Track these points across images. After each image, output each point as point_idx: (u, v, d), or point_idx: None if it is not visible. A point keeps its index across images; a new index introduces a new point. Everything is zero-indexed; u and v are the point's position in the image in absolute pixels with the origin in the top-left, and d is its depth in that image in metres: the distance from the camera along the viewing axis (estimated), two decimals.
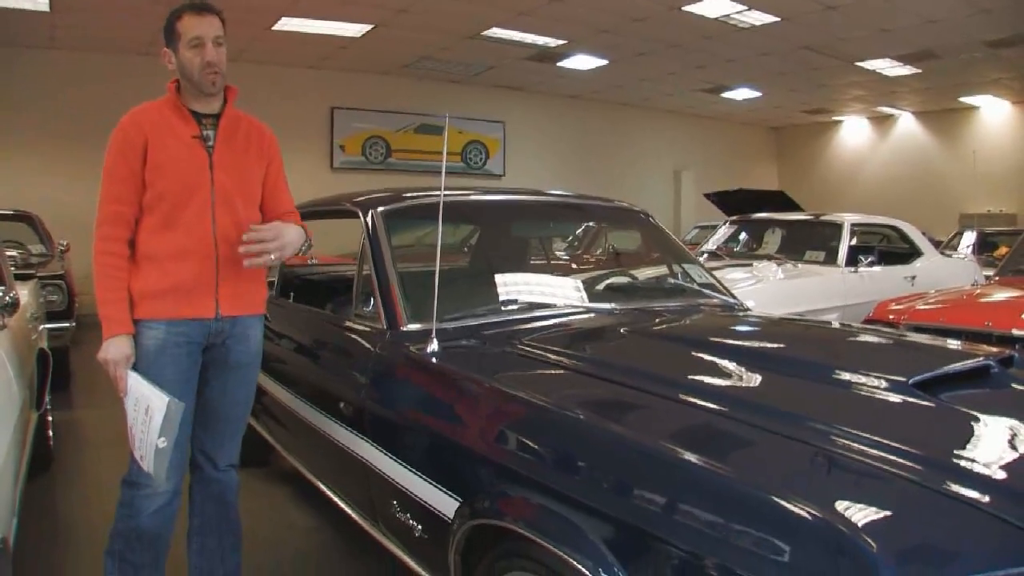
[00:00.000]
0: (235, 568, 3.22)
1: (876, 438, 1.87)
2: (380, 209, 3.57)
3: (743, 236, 9.76)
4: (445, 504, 2.43)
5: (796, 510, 1.57)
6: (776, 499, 1.62)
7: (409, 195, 3.85)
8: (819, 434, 1.93)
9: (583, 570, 1.85)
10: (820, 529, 1.52)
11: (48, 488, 4.84)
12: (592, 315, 3.51)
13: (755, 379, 2.57)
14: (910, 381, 2.26)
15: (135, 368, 2.79)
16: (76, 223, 6.36)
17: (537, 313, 3.40)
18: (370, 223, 3.51)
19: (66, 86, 12.81)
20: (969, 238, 13.49)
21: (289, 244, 2.94)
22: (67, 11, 11.20)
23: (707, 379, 2.54)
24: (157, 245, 2.84)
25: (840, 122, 22.08)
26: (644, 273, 4.49)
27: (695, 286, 4.10)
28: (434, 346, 2.84)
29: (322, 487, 3.73)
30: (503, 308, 3.40)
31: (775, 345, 3.12)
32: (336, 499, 3.53)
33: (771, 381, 2.52)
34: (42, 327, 5.23)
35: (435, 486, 2.50)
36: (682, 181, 21.05)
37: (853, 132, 22.00)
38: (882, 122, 21.20)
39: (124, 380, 2.76)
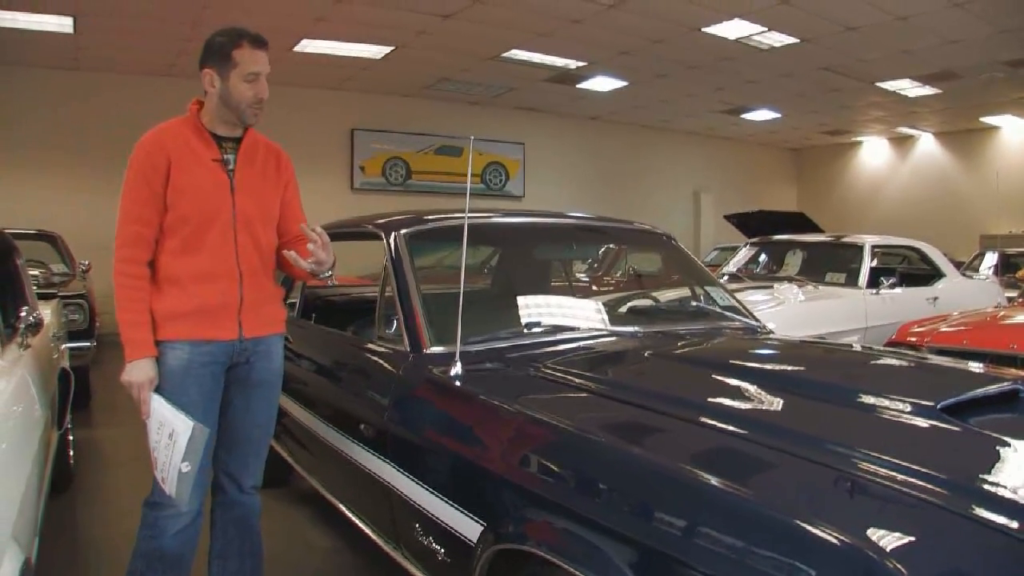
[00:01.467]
0: None
1: (904, 463, 1.85)
2: (403, 231, 3.57)
3: (763, 258, 9.74)
4: (468, 528, 2.41)
5: (822, 535, 1.55)
6: (802, 523, 1.60)
7: (431, 217, 3.84)
8: (846, 458, 1.91)
9: None
10: (847, 554, 1.50)
11: (69, 506, 4.86)
12: (615, 338, 3.50)
13: (780, 403, 2.55)
14: (938, 405, 2.24)
15: (159, 390, 2.79)
16: (98, 243, 6.40)
17: (560, 336, 3.39)
18: (393, 245, 3.50)
19: (89, 107, 12.92)
20: (991, 259, 13.43)
21: (330, 258, 2.93)
22: (91, 33, 11.32)
23: (731, 402, 2.52)
24: (180, 268, 2.86)
25: (860, 143, 22.04)
26: (666, 296, 4.47)
27: (718, 309, 4.08)
28: (457, 369, 2.83)
29: (342, 508, 3.71)
30: (526, 331, 3.39)
31: (799, 368, 3.10)
32: (357, 520, 3.52)
33: (796, 405, 2.51)
34: (64, 346, 5.25)
35: (458, 509, 2.48)
36: (701, 203, 21.03)
37: (873, 153, 21.95)
38: (902, 143, 21.15)
39: (147, 403, 2.77)
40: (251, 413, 3.08)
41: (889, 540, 1.54)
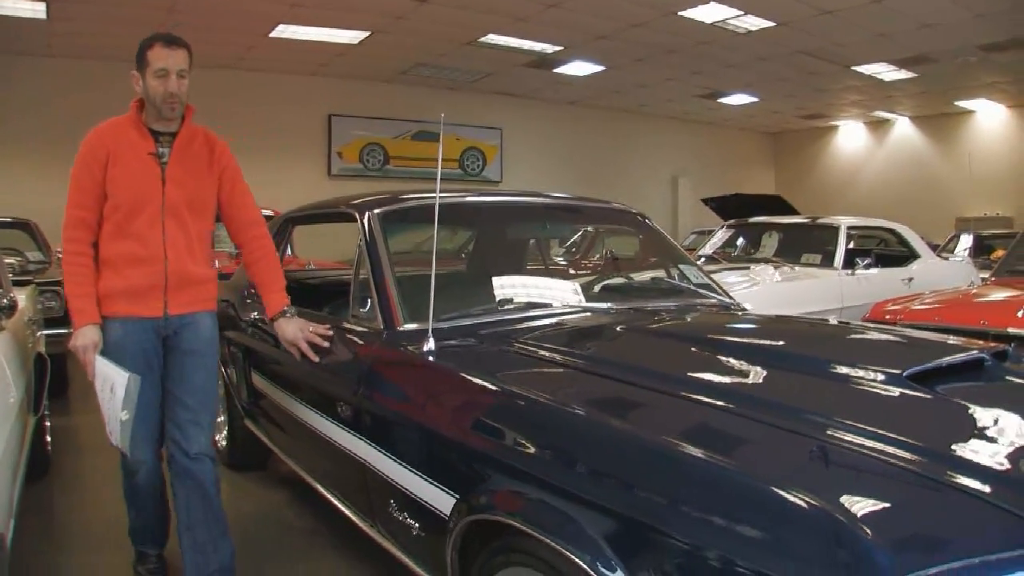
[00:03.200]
0: (229, 556, 3.41)
1: (872, 429, 1.88)
2: (377, 211, 3.58)
3: (740, 240, 9.77)
4: (442, 501, 2.43)
5: (793, 500, 1.57)
6: (773, 489, 1.62)
7: (405, 197, 3.85)
8: (815, 426, 1.93)
9: (581, 564, 1.84)
10: (817, 519, 1.52)
11: (46, 492, 4.84)
12: (589, 314, 3.51)
13: (751, 374, 2.57)
14: (904, 373, 2.27)
15: (102, 355, 3.14)
16: None
17: (533, 313, 3.40)
18: (367, 224, 3.51)
19: (63, 93, 12.84)
20: (966, 241, 13.53)
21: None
22: (64, 19, 11.30)
23: (703, 374, 2.54)
24: (114, 251, 3.21)
25: (837, 127, 22.16)
26: (641, 274, 4.49)
27: (691, 286, 4.10)
28: (430, 345, 2.84)
29: (320, 489, 3.73)
30: (499, 308, 3.41)
31: (771, 341, 3.12)
32: (334, 500, 3.53)
33: (767, 375, 2.53)
34: (40, 333, 5.23)
35: (432, 483, 2.50)
36: (679, 187, 21.10)
37: (850, 137, 22.07)
38: (878, 127, 21.27)
39: (92, 364, 3.13)
40: (185, 379, 3.35)
41: (859, 505, 1.55)
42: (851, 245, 8.33)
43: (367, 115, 16.39)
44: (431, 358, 2.83)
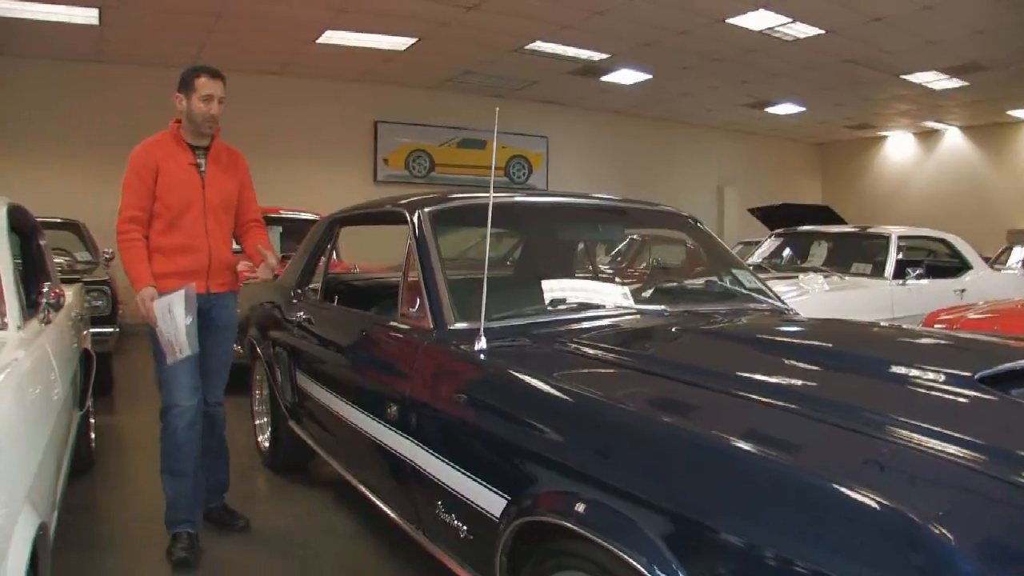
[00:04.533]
0: (225, 477, 4.42)
1: (946, 431, 1.80)
2: (427, 210, 3.56)
3: (788, 250, 9.65)
4: (492, 503, 2.37)
5: (864, 500, 1.49)
6: (840, 488, 1.55)
7: (455, 196, 3.82)
8: (884, 427, 1.86)
9: (638, 567, 1.78)
10: (891, 520, 1.44)
11: (89, 488, 4.87)
12: (642, 317, 3.45)
13: (814, 374, 2.50)
14: (976, 376, 2.18)
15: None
16: None
17: (586, 314, 3.34)
18: (417, 223, 3.49)
19: (113, 99, 12.95)
20: (1019, 254, 13.27)
21: (271, 273, 4.24)
22: (115, 25, 11.38)
23: (765, 375, 2.46)
24: (165, 242, 3.95)
25: (885, 137, 21.85)
26: (693, 277, 4.42)
27: (745, 290, 4.02)
28: (482, 344, 2.79)
29: (364, 491, 3.70)
30: (551, 308, 3.36)
31: (834, 343, 3.02)
32: (379, 503, 3.50)
33: (831, 376, 2.46)
34: (86, 331, 5.25)
35: (482, 484, 2.44)
36: (725, 197, 20.91)
37: (898, 148, 21.76)
38: (928, 137, 20.96)
39: (152, 310, 3.74)
40: (215, 351, 4.13)
41: (933, 506, 1.48)
42: (901, 256, 8.19)
43: (413, 122, 16.35)
44: (483, 357, 2.78)
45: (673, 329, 3.16)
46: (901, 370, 2.37)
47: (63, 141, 12.87)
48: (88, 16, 10.95)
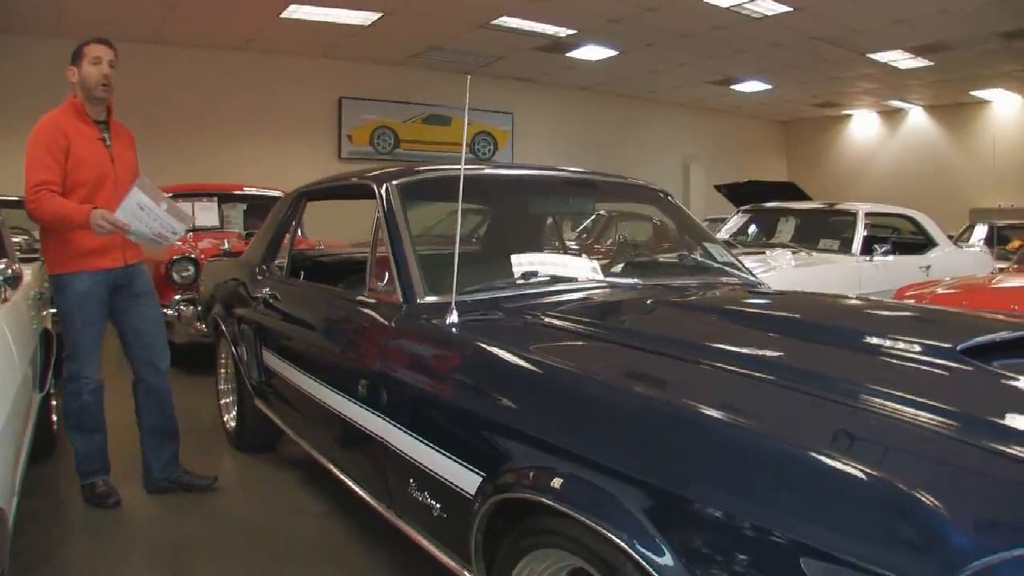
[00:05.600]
0: (175, 451, 4.49)
1: (931, 402, 1.76)
2: (395, 182, 3.48)
3: (755, 226, 9.65)
4: (467, 480, 2.31)
5: (849, 470, 1.46)
6: (825, 459, 1.51)
7: (424, 169, 3.75)
8: (868, 398, 1.82)
9: (618, 541, 1.73)
10: (877, 489, 1.41)
11: (52, 471, 4.76)
12: (614, 289, 3.41)
13: (795, 346, 2.46)
14: (958, 347, 2.15)
15: (69, 309, 4.07)
16: None
17: (557, 287, 3.29)
18: (385, 196, 3.41)
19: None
20: (980, 232, 13.38)
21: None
22: None
23: (741, 347, 2.43)
24: None
25: (850, 116, 21.99)
26: (663, 251, 4.38)
27: (717, 264, 3.98)
28: (453, 317, 2.73)
29: (334, 470, 3.62)
30: (522, 281, 3.29)
31: (813, 315, 2.99)
32: (349, 482, 3.43)
33: (812, 348, 2.42)
34: (46, 311, 5.14)
35: (456, 461, 2.38)
36: (691, 174, 20.95)
37: (863, 126, 21.90)
38: (892, 116, 21.10)
39: (117, 218, 3.78)
40: (143, 314, 4.30)
41: (922, 476, 1.45)
42: (868, 232, 8.22)
43: (378, 98, 16.26)
44: (455, 331, 2.72)
45: (647, 301, 3.12)
46: (882, 342, 2.34)
47: (20, 118, 12.62)
48: None
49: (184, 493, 4.41)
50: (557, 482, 1.96)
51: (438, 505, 2.53)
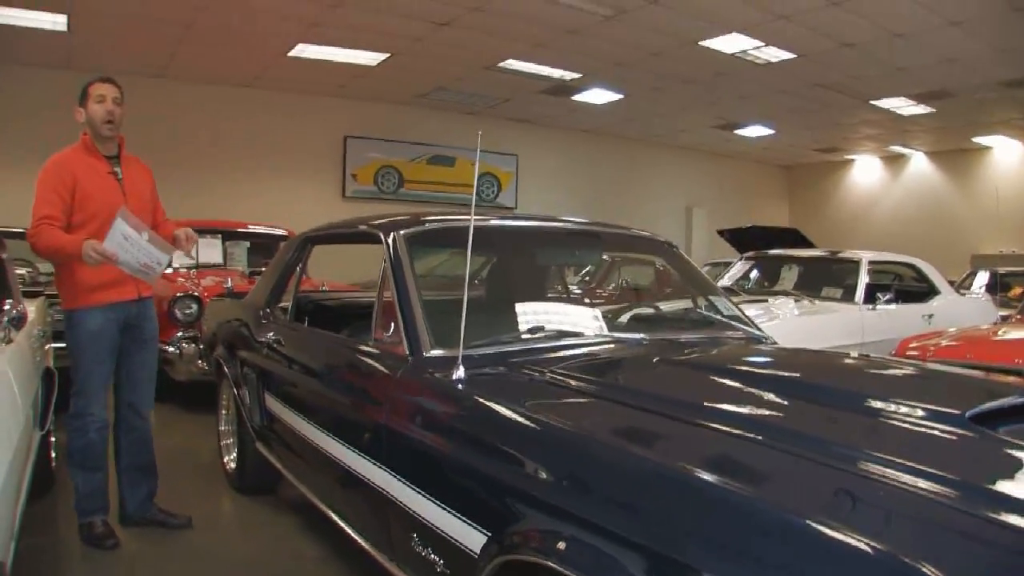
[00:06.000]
0: (154, 486, 4.53)
1: (943, 473, 1.75)
2: (403, 232, 3.48)
3: (758, 273, 9.66)
4: (471, 538, 2.30)
5: (856, 543, 1.45)
6: (833, 532, 1.50)
7: (431, 219, 3.75)
8: (880, 468, 1.81)
9: None
10: (881, 561, 1.41)
11: (50, 509, 4.72)
12: (620, 345, 3.40)
13: (805, 411, 2.44)
14: (966, 414, 2.14)
15: (79, 349, 4.10)
16: None
17: (564, 341, 3.27)
18: (392, 246, 3.40)
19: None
20: (982, 278, 13.36)
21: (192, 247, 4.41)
22: (84, 32, 11.25)
23: (748, 409, 2.42)
24: None
25: (852, 161, 22.05)
26: (670, 304, 4.38)
27: (722, 318, 3.98)
28: (460, 372, 2.72)
29: (334, 517, 3.60)
30: (529, 335, 3.28)
31: (821, 376, 2.97)
32: (349, 530, 3.41)
33: (819, 413, 2.40)
34: (48, 346, 5.13)
35: (460, 519, 2.37)
36: (693, 217, 20.99)
37: (865, 171, 21.97)
38: (894, 161, 21.16)
39: (104, 248, 3.75)
40: (143, 360, 4.38)
41: (930, 549, 1.44)
42: (870, 280, 8.22)
43: (383, 137, 16.31)
44: (461, 387, 2.71)
45: (655, 359, 3.10)
46: (890, 406, 2.32)
47: (28, 149, 12.64)
48: (56, 22, 10.83)
49: (185, 535, 4.38)
50: (561, 545, 1.94)
51: (441, 561, 2.52)
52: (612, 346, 3.37)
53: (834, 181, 22.69)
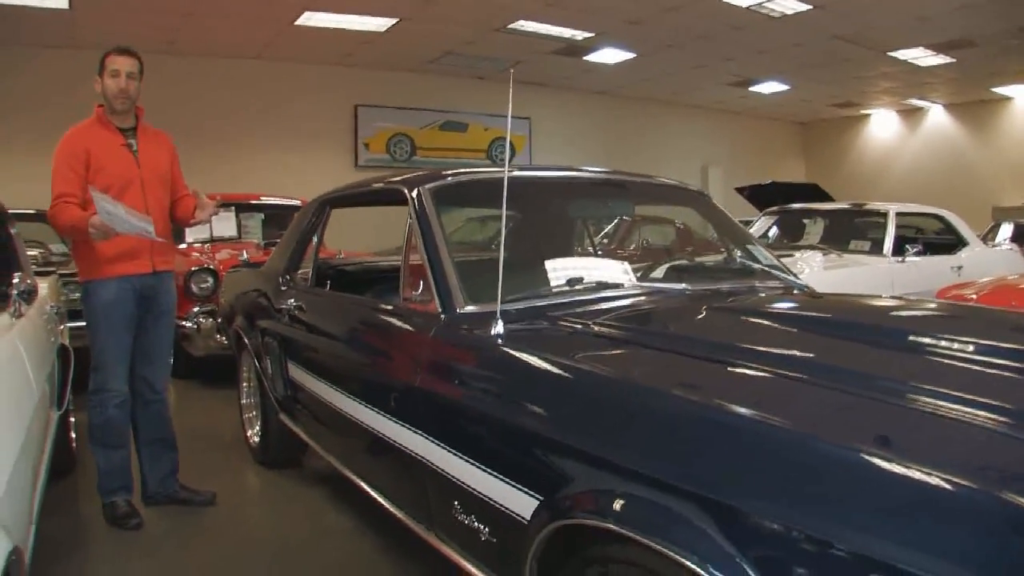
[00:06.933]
0: (175, 462, 4.45)
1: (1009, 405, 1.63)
2: (428, 186, 3.31)
3: (782, 228, 9.48)
4: (520, 503, 2.14)
5: (953, 487, 1.33)
6: (920, 474, 1.38)
7: (456, 172, 3.58)
8: (963, 410, 1.67)
9: (690, 565, 1.57)
10: (987, 506, 1.29)
11: (71, 490, 4.65)
12: (663, 295, 3.23)
13: (862, 351, 2.29)
14: None
15: (96, 319, 4.06)
16: None
17: (605, 293, 3.10)
18: (417, 200, 3.24)
19: (87, 86, 12.62)
20: (1006, 230, 13.17)
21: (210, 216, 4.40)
22: (87, 9, 11.06)
23: (808, 353, 2.27)
24: None
25: (868, 116, 21.74)
26: (706, 256, 4.21)
27: (763, 267, 3.80)
28: (499, 327, 2.55)
29: (364, 487, 3.47)
30: (568, 288, 3.10)
31: (879, 319, 2.82)
32: (381, 500, 3.27)
33: (894, 357, 2.25)
34: (63, 326, 5.00)
35: (507, 483, 2.20)
36: (710, 176, 20.73)
37: (882, 126, 21.65)
38: (912, 115, 20.85)
39: (95, 220, 3.73)
40: (159, 334, 4.30)
41: (995, 478, 1.34)
42: (897, 233, 8.05)
43: (394, 105, 16.10)
44: (500, 342, 2.54)
45: (700, 307, 2.94)
46: (966, 347, 2.17)
47: (35, 131, 12.53)
48: (57, 0, 10.63)
49: (211, 512, 4.30)
50: (618, 504, 1.80)
51: (486, 529, 2.37)
52: (655, 296, 3.19)
53: (851, 137, 22.39)
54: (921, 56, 14.67)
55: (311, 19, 12.14)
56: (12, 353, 2.81)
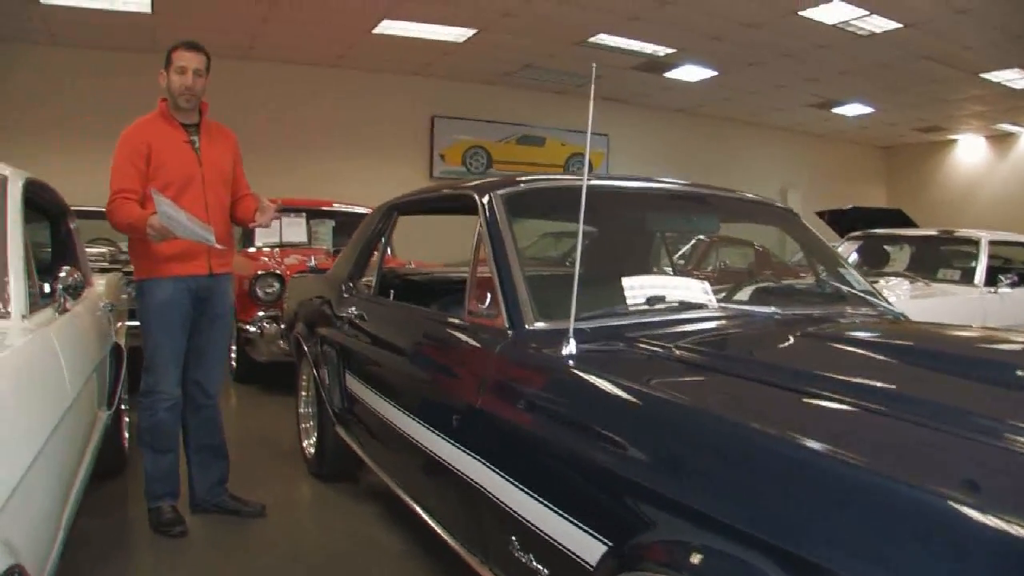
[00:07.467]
0: (225, 470, 4.34)
1: None
2: (500, 192, 3.10)
3: (866, 254, 9.11)
4: (586, 547, 1.91)
5: None
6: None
7: (530, 178, 3.36)
8: None
9: None
10: None
11: (119, 491, 4.57)
12: (751, 319, 2.98)
13: (969, 389, 2.03)
14: None
15: (148, 317, 3.97)
16: None
17: (687, 315, 2.87)
18: (488, 208, 3.03)
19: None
20: None
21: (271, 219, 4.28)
22: (168, 14, 11.14)
23: (919, 390, 2.03)
24: None
25: (955, 141, 21.11)
26: (791, 278, 3.95)
27: (856, 292, 3.52)
28: (571, 348, 2.33)
29: (417, 508, 3.28)
30: (648, 307, 2.87)
31: (989, 355, 2.54)
32: (434, 524, 3.07)
33: (997, 394, 2.00)
34: (121, 324, 4.90)
35: (573, 523, 1.98)
36: (788, 199, 20.30)
37: (969, 152, 21.01)
38: (1001, 141, 20.20)
39: (154, 222, 3.62)
40: (213, 336, 4.19)
41: None
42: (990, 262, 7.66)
43: (471, 117, 16.01)
44: (572, 364, 2.32)
45: (796, 334, 2.68)
46: None
47: (114, 133, 12.68)
48: (141, 4, 10.74)
49: (258, 524, 4.19)
50: (696, 559, 1.58)
51: (546, 571, 2.14)
52: (741, 320, 2.95)
53: (935, 163, 21.78)
54: (1015, 78, 14.16)
55: (389, 28, 12.06)
56: (43, 350, 2.65)
